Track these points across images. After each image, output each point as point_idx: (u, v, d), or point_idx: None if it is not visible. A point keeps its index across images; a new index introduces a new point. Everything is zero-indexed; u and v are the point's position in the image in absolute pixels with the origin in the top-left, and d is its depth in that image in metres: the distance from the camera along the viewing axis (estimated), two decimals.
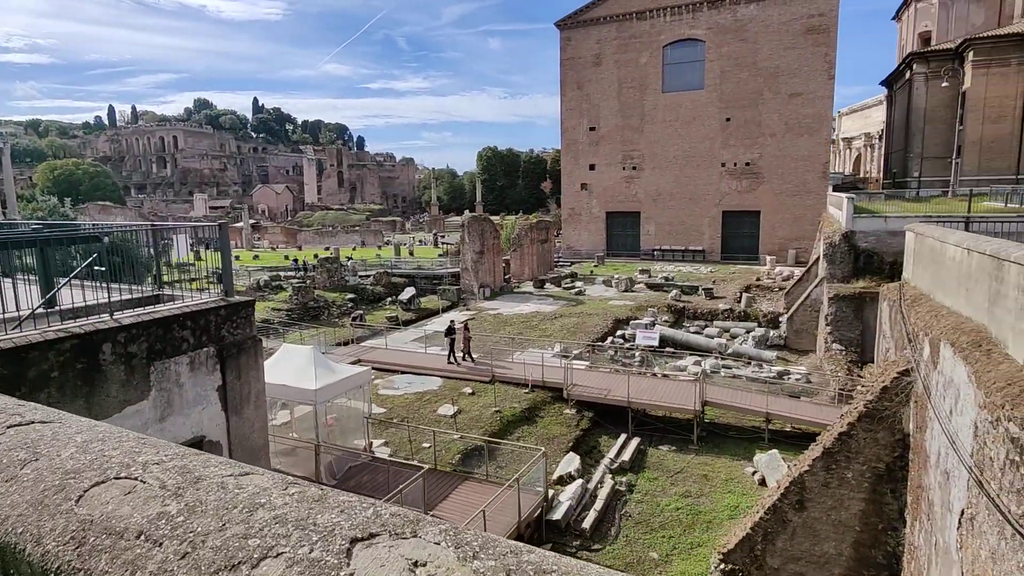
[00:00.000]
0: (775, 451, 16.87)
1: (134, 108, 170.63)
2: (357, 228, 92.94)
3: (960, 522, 6.78)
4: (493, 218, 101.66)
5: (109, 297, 7.37)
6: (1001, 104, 48.07)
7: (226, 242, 8.62)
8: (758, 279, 41.99)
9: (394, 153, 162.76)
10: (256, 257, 58.56)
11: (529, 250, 43.75)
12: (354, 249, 65.71)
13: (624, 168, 54.27)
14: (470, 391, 20.84)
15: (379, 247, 71.40)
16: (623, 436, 18.84)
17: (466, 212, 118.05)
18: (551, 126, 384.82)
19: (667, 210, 53.16)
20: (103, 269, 7.47)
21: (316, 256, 50.82)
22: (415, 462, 15.31)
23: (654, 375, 23.38)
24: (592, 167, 55.47)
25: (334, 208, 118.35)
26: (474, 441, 16.52)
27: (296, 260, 47.82)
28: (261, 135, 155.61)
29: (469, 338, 23.32)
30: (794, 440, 18.79)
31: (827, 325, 26.27)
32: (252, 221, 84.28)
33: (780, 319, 31.29)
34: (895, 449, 10.28)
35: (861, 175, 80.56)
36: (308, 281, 35.33)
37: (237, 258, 48.97)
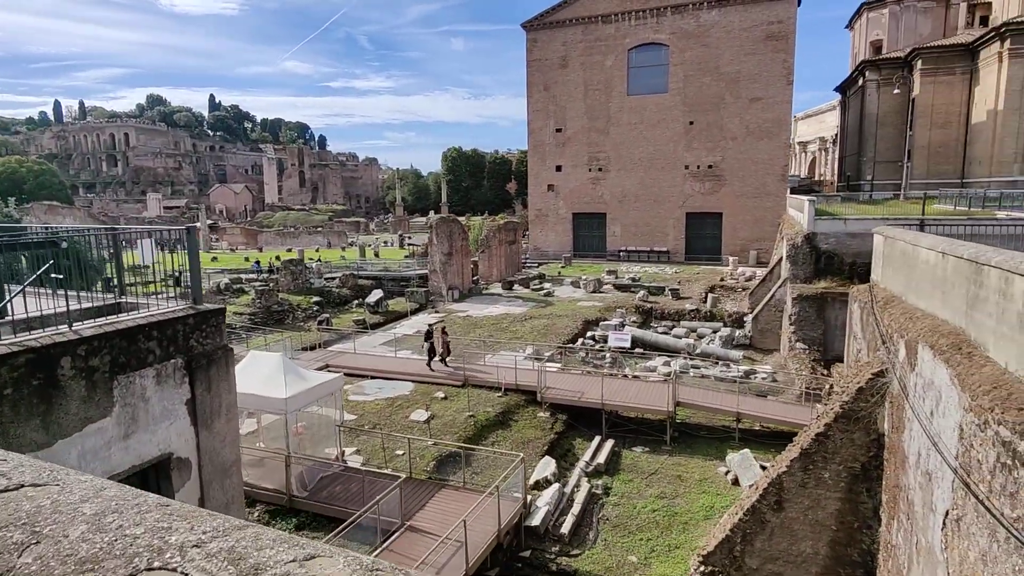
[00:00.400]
0: (747, 451, 17.09)
1: (82, 104, 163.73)
2: (320, 229, 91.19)
3: (944, 523, 6.88)
4: (458, 219, 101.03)
5: (68, 307, 6.86)
6: (947, 111, 50.25)
7: (195, 246, 8.16)
8: (722, 279, 42.78)
9: (357, 153, 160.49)
10: (215, 259, 56.74)
11: (497, 251, 43.57)
12: (317, 251, 64.36)
13: (590, 170, 54.63)
14: (442, 395, 20.53)
15: (343, 248, 70.15)
16: (597, 438, 18.82)
17: (431, 213, 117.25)
18: (515, 127, 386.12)
19: (632, 211, 53.74)
20: (60, 276, 6.95)
21: (278, 258, 49.52)
22: (389, 471, 14.95)
23: (626, 376, 23.47)
24: (559, 168, 55.66)
25: (296, 208, 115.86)
26: (450, 448, 16.23)
27: (258, 262, 46.51)
28: (218, 133, 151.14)
29: (447, 342, 22.93)
30: (764, 439, 19.11)
31: (791, 325, 26.87)
32: (210, 221, 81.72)
33: (745, 319, 31.88)
34: (870, 449, 10.47)
35: (816, 178, 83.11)
36: (271, 284, 34.34)
37: None
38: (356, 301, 36.14)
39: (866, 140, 56.93)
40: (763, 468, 16.35)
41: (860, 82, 57.90)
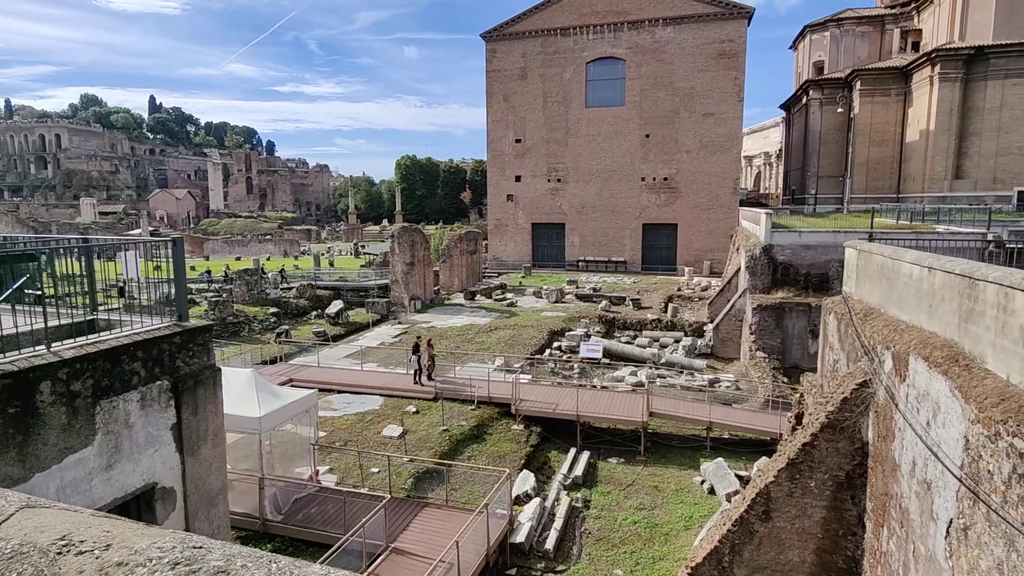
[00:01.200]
0: (720, 460, 17.34)
1: (8, 102, 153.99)
2: (269, 237, 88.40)
3: (948, 531, 7.07)
4: (420, 228, 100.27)
5: (46, 325, 6.25)
6: (884, 130, 53.20)
7: (180, 260, 7.63)
8: (679, 289, 43.71)
9: (307, 159, 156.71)
10: (158, 268, 53.91)
11: (458, 261, 43.21)
12: (268, 259, 62.25)
13: (549, 180, 55.04)
14: (414, 409, 20.05)
15: (296, 257, 68.11)
16: (572, 450, 18.76)
17: (384, 221, 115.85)
18: (468, 136, 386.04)
19: (591, 222, 54.39)
20: (39, 292, 6.34)
21: (227, 267, 47.60)
22: (366, 490, 14.42)
23: (599, 387, 23.55)
24: (518, 178, 55.83)
25: (243, 215, 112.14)
26: (430, 464, 15.81)
27: (208, 272, 44.54)
28: (159, 136, 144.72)
29: (433, 355, 22.35)
30: (734, 447, 19.50)
31: (751, 334, 27.65)
32: (151, 228, 77.93)
33: (704, 328, 32.62)
34: (854, 457, 10.75)
35: (762, 191, 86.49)
36: (225, 294, 32.90)
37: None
38: (315, 312, 35.04)
39: (810, 155, 59.59)
40: (738, 477, 16.66)
41: (804, 100, 60.65)
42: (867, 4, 63.35)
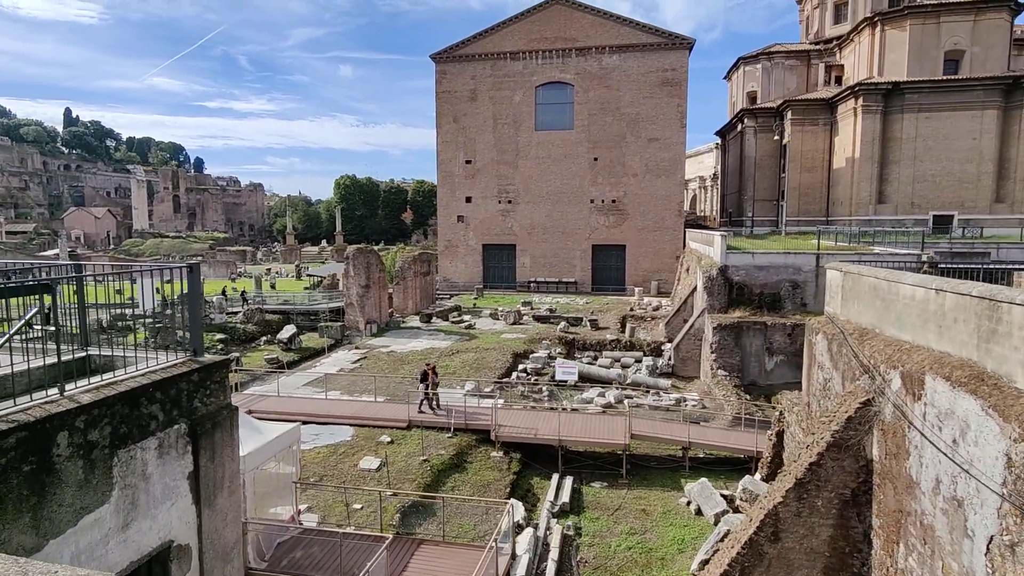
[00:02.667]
0: (704, 480, 17.47)
1: None
2: (200, 258, 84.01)
3: (989, 548, 7.24)
4: (351, 249, 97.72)
5: (60, 365, 5.44)
6: (813, 157, 56.61)
7: (196, 288, 6.91)
8: (631, 309, 44.51)
9: (238, 177, 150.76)
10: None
11: (413, 283, 42.37)
12: (203, 281, 58.98)
13: (500, 201, 55.18)
14: (388, 439, 19.20)
15: (232, 279, 64.92)
16: (555, 477, 18.43)
17: (323, 242, 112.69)
18: (406, 156, 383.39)
19: (541, 243, 54.81)
20: (51, 328, 5.52)
21: (157, 290, 44.59)
22: (351, 528, 13.55)
23: (568, 409, 23.37)
24: (468, 199, 55.68)
25: (170, 235, 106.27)
26: (416, 497, 15.08)
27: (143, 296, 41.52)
28: (76, 151, 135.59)
29: (437, 383, 21.41)
30: (711, 466, 19.72)
31: (712, 353, 28.33)
32: (69, 248, 72.45)
33: (663, 347, 33.22)
34: (859, 475, 11.00)
35: (698, 213, 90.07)
36: (165, 320, 30.69)
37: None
38: (264, 337, 33.30)
39: (746, 180, 62.59)
40: (723, 497, 16.81)
41: (739, 128, 63.84)
42: (793, 39, 67.90)
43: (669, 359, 31.17)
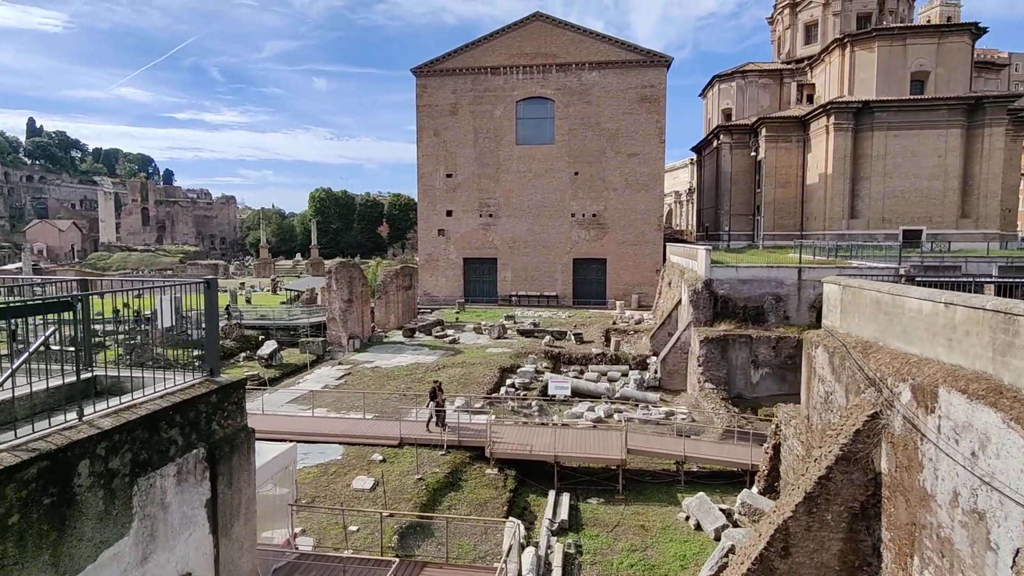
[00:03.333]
0: (702, 494, 17.41)
1: None
2: (171, 272, 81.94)
3: (1015, 560, 7.26)
4: (327, 263, 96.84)
5: (79, 385, 5.10)
6: (787, 173, 57.95)
7: (213, 305, 6.60)
8: (614, 323, 44.67)
9: (209, 190, 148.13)
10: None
11: (395, 297, 41.88)
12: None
13: (481, 215, 55.09)
14: (380, 458, 18.75)
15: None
16: (552, 493, 18.17)
17: (297, 255, 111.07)
18: (381, 170, 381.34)
19: (523, 257, 54.80)
20: (71, 349, 5.17)
21: (126, 304, 43.17)
22: (349, 552, 13.11)
23: (559, 424, 23.18)
24: (449, 213, 55.46)
25: (138, 249, 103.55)
26: (420, 518, 14.69)
27: (117, 311, 40.15)
28: (39, 162, 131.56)
29: (443, 400, 20.95)
30: (705, 479, 19.70)
31: (699, 366, 28.48)
32: (32, 262, 69.90)
33: (648, 361, 33.33)
34: (868, 488, 11.04)
35: (674, 227, 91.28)
36: (140, 336, 29.70)
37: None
38: (244, 353, 32.43)
39: (722, 195, 63.70)
40: (722, 511, 16.76)
41: (715, 144, 65.08)
42: (762, 57, 69.72)
43: (655, 372, 31.26)
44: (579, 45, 52.60)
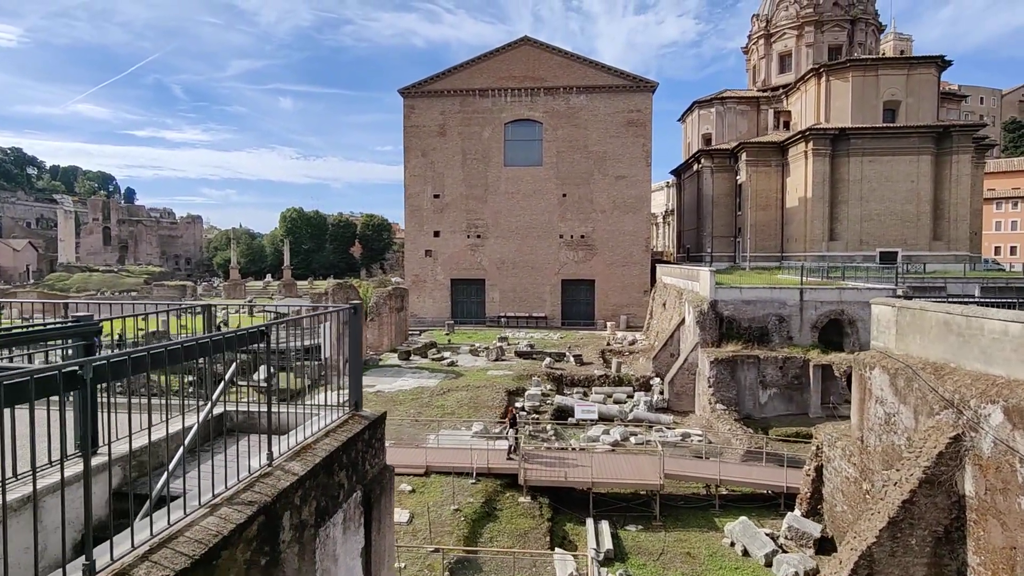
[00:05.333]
0: (744, 518, 17.17)
1: None
2: (134, 294, 78.77)
3: None
4: (300, 283, 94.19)
5: (269, 432, 4.51)
6: (767, 196, 59.39)
7: (358, 333, 6.06)
8: (608, 344, 44.62)
9: (173, 209, 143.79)
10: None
11: (388, 319, 40.96)
12: (146, 319, 55.00)
13: (469, 236, 54.71)
14: (409, 488, 17.97)
15: (177, 316, 60.88)
16: (589, 521, 17.67)
17: (268, 276, 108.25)
18: (348, 190, 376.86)
19: (511, 278, 54.51)
20: (264, 385, 4.59)
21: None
22: None
23: (577, 448, 22.73)
24: (437, 234, 54.92)
25: (99, 269, 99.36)
26: (466, 553, 13.99)
27: (98, 336, 38.10)
28: None
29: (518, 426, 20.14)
30: (736, 503, 19.48)
31: (709, 387, 28.48)
32: None
33: (652, 382, 33.24)
34: (951, 511, 10.96)
35: (654, 249, 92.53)
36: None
37: None
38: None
39: (704, 217, 64.87)
40: (768, 536, 16.52)
41: (696, 167, 66.43)
42: (732, 85, 71.88)
43: (662, 393, 31.15)
44: (567, 69, 53.24)
